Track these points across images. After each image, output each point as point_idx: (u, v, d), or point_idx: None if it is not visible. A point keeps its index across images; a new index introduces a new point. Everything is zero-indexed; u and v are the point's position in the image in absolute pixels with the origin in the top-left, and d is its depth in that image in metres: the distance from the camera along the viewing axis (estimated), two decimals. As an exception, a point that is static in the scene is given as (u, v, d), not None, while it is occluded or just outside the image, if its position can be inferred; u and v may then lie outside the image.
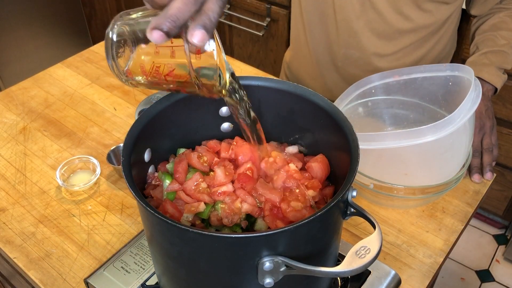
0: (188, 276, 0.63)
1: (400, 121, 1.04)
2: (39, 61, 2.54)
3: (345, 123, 0.65)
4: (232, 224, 0.66)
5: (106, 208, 0.94)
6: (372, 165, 0.88)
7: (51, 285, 0.82)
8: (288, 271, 0.56)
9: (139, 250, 0.82)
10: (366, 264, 0.53)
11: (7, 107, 1.21)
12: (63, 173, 0.99)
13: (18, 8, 2.36)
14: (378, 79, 1.01)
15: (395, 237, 0.90)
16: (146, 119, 0.67)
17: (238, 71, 1.32)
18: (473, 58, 1.09)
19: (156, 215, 0.53)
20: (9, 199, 0.97)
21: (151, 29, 0.49)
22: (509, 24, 1.09)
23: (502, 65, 1.06)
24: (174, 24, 0.49)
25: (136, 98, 1.23)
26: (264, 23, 2.05)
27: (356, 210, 0.60)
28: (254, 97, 0.74)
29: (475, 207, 0.96)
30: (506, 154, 1.84)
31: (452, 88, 0.95)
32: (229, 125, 0.78)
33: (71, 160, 1.00)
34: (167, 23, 0.49)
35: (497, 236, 2.13)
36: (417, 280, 0.83)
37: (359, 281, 0.78)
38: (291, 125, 0.76)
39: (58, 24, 2.58)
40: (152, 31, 0.49)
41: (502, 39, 1.07)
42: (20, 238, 0.90)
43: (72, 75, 1.31)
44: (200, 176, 0.69)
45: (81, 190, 0.97)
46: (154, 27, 0.49)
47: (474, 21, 1.18)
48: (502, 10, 1.12)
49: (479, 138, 1.01)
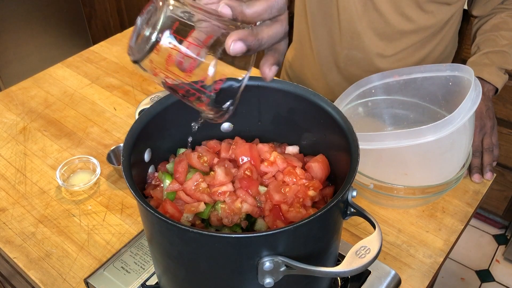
0: (188, 276, 0.63)
1: (400, 121, 1.04)
2: (39, 61, 2.54)
3: (345, 123, 0.65)
4: (232, 224, 0.66)
5: (106, 208, 0.94)
6: (372, 165, 0.88)
7: (51, 285, 0.82)
8: (288, 271, 0.56)
9: (139, 250, 0.82)
10: (366, 264, 0.53)
11: (7, 107, 1.21)
12: (63, 173, 0.99)
13: (18, 8, 2.36)
14: (378, 79, 1.01)
15: (395, 237, 0.90)
16: (146, 119, 0.67)
17: (238, 71, 1.32)
18: (474, 58, 1.09)
19: (156, 215, 0.53)
20: (9, 199, 0.97)
21: (235, 39, 0.50)
22: (510, 24, 1.09)
23: (503, 65, 1.06)
24: (257, 46, 0.53)
25: (136, 98, 1.23)
26: (264, 23, 2.05)
27: (356, 210, 0.60)
28: (254, 97, 0.74)
29: (475, 207, 0.96)
30: (506, 154, 1.84)
31: (452, 88, 0.95)
32: (229, 125, 0.78)
33: (71, 160, 1.00)
34: (256, 42, 0.52)
35: (497, 236, 2.13)
36: (417, 280, 0.83)
37: (359, 281, 0.78)
38: (291, 125, 0.76)
39: (58, 24, 2.58)
40: (236, 42, 0.50)
41: (504, 39, 1.07)
42: (20, 238, 0.90)
43: (72, 75, 1.31)
44: (200, 176, 0.68)
45: (81, 190, 0.97)
46: (239, 39, 0.50)
47: (476, 21, 1.18)
48: (504, 11, 1.12)
49: (479, 138, 1.01)
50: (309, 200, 0.67)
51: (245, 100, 0.74)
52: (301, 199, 0.67)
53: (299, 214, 0.64)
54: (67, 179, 1.00)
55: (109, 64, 1.35)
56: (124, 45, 1.43)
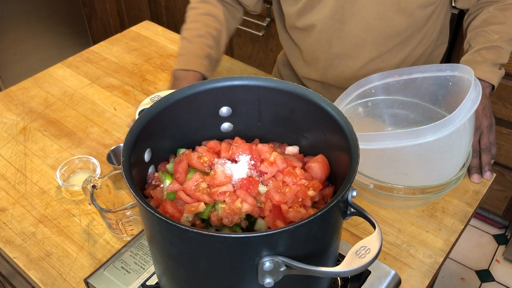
0: (188, 276, 0.63)
1: (400, 121, 1.04)
2: (39, 61, 2.54)
3: (345, 123, 0.65)
4: (232, 224, 0.66)
5: (106, 208, 0.94)
6: (372, 165, 0.88)
7: (51, 285, 0.82)
8: (288, 271, 0.56)
9: (139, 250, 0.82)
10: (366, 264, 0.53)
11: (7, 107, 1.21)
12: (63, 173, 0.99)
13: (18, 8, 2.36)
14: (378, 79, 1.01)
15: (395, 237, 0.90)
16: (146, 119, 0.67)
17: (238, 71, 1.33)
18: (466, 57, 1.07)
19: (156, 215, 0.53)
20: (9, 199, 0.97)
21: None
22: (499, 17, 1.06)
23: (496, 60, 1.04)
24: None
25: (136, 98, 1.23)
26: (264, 23, 2.05)
27: (356, 210, 0.60)
28: (254, 97, 0.74)
29: (475, 207, 0.96)
30: (506, 154, 1.84)
31: (452, 88, 0.95)
32: (229, 125, 0.78)
33: (71, 160, 1.00)
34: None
35: (497, 236, 2.13)
36: (417, 280, 0.83)
37: (359, 281, 0.78)
38: (291, 125, 0.76)
39: (58, 24, 2.57)
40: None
41: (494, 34, 1.05)
42: (20, 238, 0.90)
43: (72, 75, 1.31)
44: (200, 176, 0.68)
45: (81, 190, 0.97)
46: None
47: (465, 17, 1.15)
48: (492, 4, 1.09)
49: (476, 137, 1.00)
50: (309, 200, 0.67)
51: (245, 100, 0.75)
52: (301, 199, 0.67)
53: (299, 214, 0.64)
54: (67, 179, 1.00)
55: (109, 64, 1.35)
56: (124, 45, 1.43)
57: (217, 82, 0.72)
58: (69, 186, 0.97)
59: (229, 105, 0.75)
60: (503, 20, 1.06)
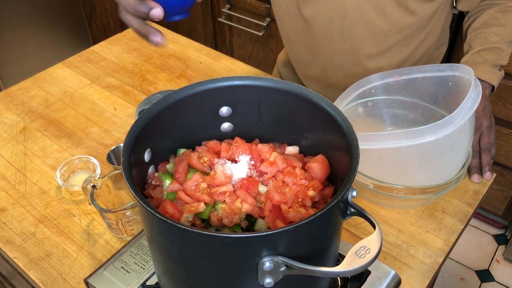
0: (188, 276, 0.63)
1: (400, 121, 1.04)
2: (39, 61, 2.54)
3: (345, 123, 0.65)
4: (232, 224, 0.66)
5: (106, 208, 0.94)
6: (372, 165, 0.88)
7: (51, 285, 0.82)
8: (288, 271, 0.56)
9: (139, 250, 0.82)
10: (366, 264, 0.53)
11: (7, 107, 1.21)
12: (63, 173, 0.99)
13: (18, 8, 2.36)
14: (378, 79, 1.01)
15: (395, 237, 0.90)
16: (146, 119, 0.67)
17: (238, 71, 1.33)
18: (466, 58, 1.07)
19: (156, 215, 0.53)
20: (9, 199, 0.97)
21: None
22: (500, 19, 1.07)
23: (497, 61, 1.04)
24: None
25: (136, 98, 1.23)
26: (264, 23, 2.05)
27: (356, 210, 0.60)
28: (254, 97, 0.74)
29: (475, 207, 0.96)
30: (506, 154, 1.84)
31: (452, 88, 0.95)
32: (229, 125, 0.78)
33: (71, 160, 1.00)
34: None
35: (497, 236, 2.13)
36: (417, 280, 0.83)
37: (359, 281, 0.78)
38: (291, 125, 0.76)
39: (58, 24, 2.58)
40: None
41: (495, 36, 1.05)
42: (20, 238, 0.90)
43: (72, 75, 1.31)
44: (200, 176, 0.68)
45: (81, 190, 0.97)
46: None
47: (466, 19, 1.16)
48: (492, 6, 1.09)
49: (476, 138, 1.01)
50: (309, 200, 0.67)
51: (245, 100, 0.75)
52: (301, 199, 0.67)
53: (299, 214, 0.64)
54: (67, 179, 1.00)
55: (109, 64, 1.35)
56: (124, 45, 1.43)
57: (217, 82, 0.72)
58: (69, 186, 0.97)
59: (229, 105, 0.75)
60: (504, 22, 1.07)
